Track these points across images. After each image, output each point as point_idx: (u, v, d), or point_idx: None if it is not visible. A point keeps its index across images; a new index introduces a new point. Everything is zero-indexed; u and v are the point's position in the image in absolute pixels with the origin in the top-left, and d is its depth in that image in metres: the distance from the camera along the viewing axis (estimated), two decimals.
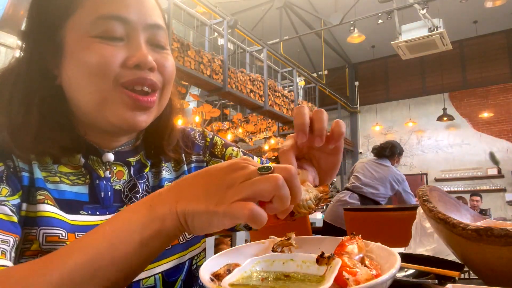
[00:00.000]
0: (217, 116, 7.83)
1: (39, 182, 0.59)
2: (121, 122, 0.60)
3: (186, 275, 0.71)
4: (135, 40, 0.60)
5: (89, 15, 0.59)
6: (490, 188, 9.72)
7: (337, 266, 0.41)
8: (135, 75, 0.59)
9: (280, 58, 8.08)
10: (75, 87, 0.60)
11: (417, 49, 7.11)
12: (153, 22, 0.63)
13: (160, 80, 0.63)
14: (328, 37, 10.10)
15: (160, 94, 0.64)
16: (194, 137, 0.84)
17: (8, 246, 0.51)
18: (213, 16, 6.27)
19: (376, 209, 2.88)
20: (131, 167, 0.70)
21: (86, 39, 0.58)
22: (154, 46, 0.64)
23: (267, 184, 0.39)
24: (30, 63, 0.61)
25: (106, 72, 0.58)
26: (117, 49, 0.59)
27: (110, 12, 0.58)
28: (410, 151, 11.01)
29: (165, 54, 0.65)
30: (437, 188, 0.75)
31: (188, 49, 5.28)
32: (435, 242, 0.85)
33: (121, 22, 0.59)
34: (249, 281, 0.44)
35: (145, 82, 0.60)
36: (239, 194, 0.39)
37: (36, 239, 0.56)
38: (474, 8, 8.81)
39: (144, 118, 0.62)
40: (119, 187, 0.68)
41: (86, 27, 0.58)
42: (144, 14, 0.61)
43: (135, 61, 0.59)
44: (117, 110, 0.60)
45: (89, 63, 0.58)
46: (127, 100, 0.59)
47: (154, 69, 0.61)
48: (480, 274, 0.61)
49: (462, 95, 10.56)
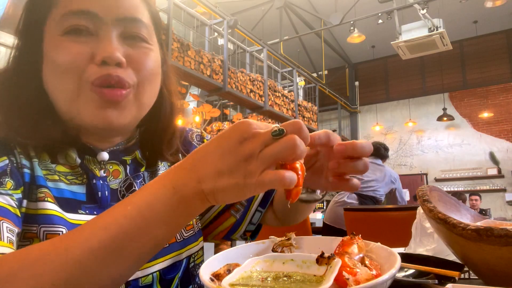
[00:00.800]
0: (217, 116, 7.82)
1: (40, 179, 0.59)
2: (93, 120, 0.59)
3: (183, 273, 0.71)
4: (104, 34, 0.59)
5: (59, 13, 0.59)
6: (490, 188, 9.71)
7: (337, 266, 0.41)
8: (102, 72, 0.58)
9: (280, 58, 8.08)
10: (50, 87, 0.61)
11: (417, 49, 7.10)
12: (126, 15, 0.61)
13: (133, 76, 0.61)
14: (328, 37, 10.10)
15: (136, 91, 0.62)
16: (191, 137, 0.84)
17: (14, 236, 0.51)
18: (213, 16, 6.27)
19: (376, 209, 2.88)
20: (127, 165, 0.70)
21: (56, 37, 0.58)
22: (130, 39, 0.62)
23: (287, 148, 0.40)
24: (22, 61, 0.62)
25: (74, 71, 0.57)
26: (85, 46, 0.58)
27: (77, 7, 0.58)
28: (410, 151, 11.01)
29: (144, 49, 0.63)
30: (437, 188, 0.75)
31: (188, 49, 5.27)
32: (435, 242, 0.86)
33: (89, 17, 0.58)
34: (249, 281, 0.44)
35: (111, 79, 0.58)
36: (264, 164, 0.40)
37: (37, 236, 0.56)
38: (474, 8, 8.81)
39: (115, 114, 0.60)
40: (115, 186, 0.68)
41: (56, 25, 0.58)
42: (115, 7, 0.60)
43: (101, 57, 0.57)
44: (88, 108, 0.59)
45: (58, 62, 0.57)
46: (95, 97, 0.58)
47: (122, 65, 0.59)
48: (480, 274, 0.61)
49: (462, 95, 10.56)
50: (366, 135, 11.66)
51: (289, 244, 0.53)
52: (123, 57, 0.59)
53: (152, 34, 0.66)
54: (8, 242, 0.49)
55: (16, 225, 0.52)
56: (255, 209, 0.84)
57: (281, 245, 0.53)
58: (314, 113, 8.94)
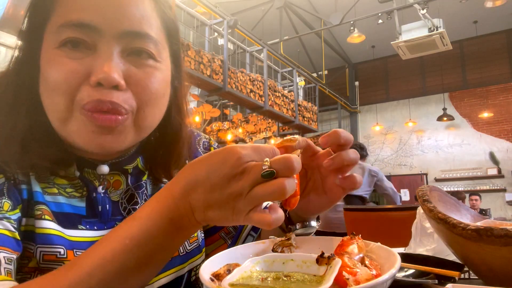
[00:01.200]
0: (217, 116, 7.82)
1: (38, 195, 0.56)
2: (86, 144, 0.54)
3: (185, 287, 0.69)
4: (103, 51, 0.52)
5: (56, 22, 0.52)
6: (490, 188, 9.71)
7: (337, 266, 0.41)
8: (94, 96, 0.51)
9: (280, 58, 8.08)
10: (44, 102, 0.55)
11: (417, 49, 7.10)
12: (131, 29, 0.53)
13: (131, 101, 0.54)
14: (328, 37, 10.10)
15: (135, 116, 0.55)
16: (198, 144, 0.81)
17: (11, 266, 0.48)
18: (213, 16, 6.27)
19: (376, 209, 2.88)
20: (128, 175, 0.66)
21: (51, 50, 0.52)
22: (134, 56, 0.54)
23: (275, 192, 0.40)
24: (21, 68, 0.57)
25: (65, 90, 0.51)
26: (80, 63, 0.51)
27: (75, 18, 0.51)
28: (410, 151, 11.01)
29: (149, 67, 0.56)
30: (437, 188, 0.75)
31: (188, 49, 5.27)
32: (435, 242, 0.86)
33: (88, 30, 0.51)
34: (249, 281, 0.44)
35: (102, 105, 0.51)
36: (252, 204, 0.41)
37: (34, 256, 0.53)
38: (474, 8, 8.80)
39: (109, 139, 0.54)
40: (116, 198, 0.64)
41: (52, 36, 0.52)
42: (119, 20, 0.52)
43: (96, 78, 0.50)
44: (80, 132, 0.53)
45: (49, 79, 0.52)
46: (87, 121, 0.52)
47: (121, 87, 0.52)
48: (480, 274, 0.61)
49: (462, 95, 10.56)
50: (366, 135, 11.66)
51: (289, 244, 0.53)
52: (122, 78, 0.52)
53: (162, 49, 0.58)
54: (6, 274, 0.46)
55: (15, 251, 0.50)
56: (247, 233, 0.81)
57: (281, 245, 0.53)
58: (314, 113, 8.94)
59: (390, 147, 11.33)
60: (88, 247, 0.51)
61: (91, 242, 0.57)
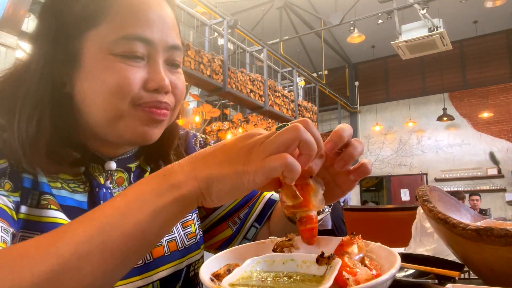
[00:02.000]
0: (217, 116, 7.82)
1: (44, 186, 0.58)
2: (135, 136, 0.61)
3: (184, 282, 0.71)
4: (155, 61, 0.60)
5: (113, 33, 0.57)
6: (490, 188, 9.72)
7: (337, 266, 0.41)
8: (152, 98, 0.60)
9: (280, 58, 8.08)
10: (89, 102, 0.59)
11: (417, 49, 7.11)
12: (173, 43, 0.63)
13: (173, 100, 0.64)
14: (328, 37, 10.10)
15: (171, 112, 0.65)
16: (195, 143, 0.84)
17: (8, 236, 0.49)
18: (213, 16, 6.27)
19: (376, 209, 2.89)
20: (132, 173, 0.70)
21: (108, 56, 0.57)
22: (170, 66, 0.64)
23: (289, 133, 0.40)
24: (42, 70, 0.58)
25: (125, 94, 0.57)
26: (137, 70, 0.58)
27: (135, 32, 0.58)
28: (410, 151, 11.02)
29: (179, 74, 0.66)
30: (437, 188, 0.75)
31: (188, 49, 5.27)
32: (435, 242, 0.86)
33: (144, 43, 0.59)
34: (249, 281, 0.44)
35: (160, 105, 0.61)
36: (266, 151, 0.40)
37: None
38: (474, 8, 8.81)
39: (156, 131, 0.62)
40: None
41: (108, 44, 0.57)
42: (166, 34, 0.61)
43: (154, 85, 0.59)
44: (132, 125, 0.60)
45: (109, 82, 0.57)
46: (143, 116, 0.60)
47: (169, 92, 0.62)
48: (480, 274, 0.61)
49: (462, 95, 10.57)
50: (366, 135, 11.66)
51: (289, 245, 0.53)
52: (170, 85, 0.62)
53: (182, 57, 0.68)
54: (2, 242, 0.48)
55: (11, 226, 0.51)
56: (251, 224, 0.83)
57: (281, 245, 0.53)
58: (314, 113, 8.94)
59: (390, 147, 11.34)
60: None
61: None
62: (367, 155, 11.64)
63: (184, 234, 0.73)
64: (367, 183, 12.41)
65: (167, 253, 0.68)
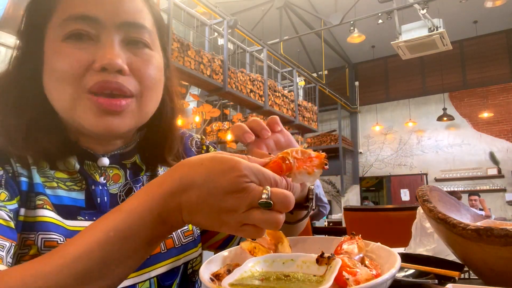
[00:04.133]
0: (217, 116, 7.82)
1: (39, 187, 0.59)
2: (93, 127, 0.58)
3: (181, 279, 0.71)
4: (105, 40, 0.57)
5: (59, 17, 0.57)
6: (490, 188, 9.72)
7: (337, 266, 0.41)
8: (100, 78, 0.56)
9: (280, 58, 8.08)
10: (49, 93, 0.59)
11: (417, 49, 7.11)
12: (129, 20, 0.59)
13: (135, 85, 0.59)
14: (328, 37, 10.10)
15: (139, 101, 0.61)
16: (191, 144, 0.84)
17: (2, 252, 0.50)
18: (213, 16, 6.27)
19: (376, 209, 2.88)
20: (127, 169, 0.70)
21: (57, 43, 0.57)
22: (132, 45, 0.60)
23: (270, 224, 0.41)
24: (23, 64, 0.61)
25: (73, 78, 0.56)
26: (84, 52, 0.56)
27: (78, 12, 0.56)
28: (410, 151, 11.02)
29: (147, 55, 0.61)
30: (437, 188, 0.75)
31: (188, 49, 5.27)
32: (435, 242, 0.86)
33: (90, 22, 0.56)
34: (249, 281, 0.44)
35: (110, 85, 0.56)
36: (242, 222, 0.41)
37: (35, 244, 0.55)
38: (474, 8, 8.81)
39: (116, 122, 0.58)
40: (115, 191, 0.67)
41: (57, 30, 0.57)
42: (117, 12, 0.58)
43: (100, 64, 0.55)
44: (86, 116, 0.57)
45: (57, 68, 0.56)
46: (92, 106, 0.57)
47: (124, 72, 0.57)
48: (480, 274, 0.61)
49: (462, 95, 10.57)
50: (366, 135, 11.67)
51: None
52: (125, 64, 0.57)
53: (155, 39, 0.64)
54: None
55: (8, 238, 0.51)
56: None
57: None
58: (314, 113, 8.94)
59: (390, 147, 11.34)
60: None
61: None
62: (367, 155, 11.65)
63: (181, 232, 0.73)
64: (367, 183, 12.41)
65: (164, 250, 0.68)
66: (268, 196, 0.40)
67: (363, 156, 11.69)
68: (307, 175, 0.46)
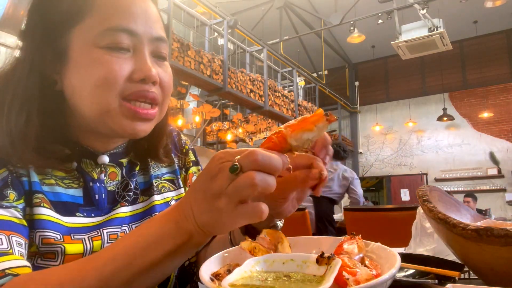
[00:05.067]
0: (217, 116, 7.82)
1: (36, 185, 0.60)
2: (122, 131, 0.62)
3: (179, 271, 0.73)
4: (141, 53, 0.61)
5: (98, 26, 0.59)
6: (490, 188, 9.72)
7: (337, 266, 0.41)
8: (139, 88, 0.60)
9: (280, 58, 8.08)
10: (78, 96, 0.61)
11: (417, 49, 7.10)
12: (158, 34, 0.63)
13: (160, 93, 0.64)
14: (328, 37, 10.09)
15: (160, 107, 0.65)
16: (178, 140, 0.86)
17: (22, 248, 0.53)
18: (213, 16, 6.27)
19: (376, 209, 2.88)
20: (123, 167, 0.72)
21: (93, 49, 0.58)
22: (157, 58, 0.64)
23: (246, 186, 0.40)
24: (31, 67, 0.60)
25: (112, 86, 0.58)
26: (123, 61, 0.59)
27: (119, 24, 0.59)
28: (410, 151, 11.02)
29: (165, 66, 0.66)
30: (437, 188, 0.75)
31: (188, 49, 5.27)
32: (435, 242, 0.86)
33: (129, 34, 0.60)
34: (249, 281, 0.44)
35: (147, 95, 0.61)
36: (232, 200, 0.42)
37: (34, 241, 0.57)
38: (474, 8, 8.81)
39: (143, 128, 0.63)
40: (112, 188, 0.69)
41: (94, 37, 0.58)
42: (149, 26, 0.62)
43: (140, 75, 0.60)
44: (118, 120, 0.60)
45: (96, 75, 0.58)
46: (127, 113, 0.60)
47: (156, 83, 0.62)
48: (480, 274, 0.61)
49: (462, 95, 10.56)
50: (366, 135, 11.66)
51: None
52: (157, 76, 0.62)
53: (168, 50, 0.69)
54: (19, 255, 0.52)
55: (24, 237, 0.55)
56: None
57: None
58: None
59: (390, 147, 11.34)
60: (86, 232, 0.62)
61: (89, 227, 0.63)
62: (367, 155, 11.65)
63: None
64: (367, 183, 12.40)
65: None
66: (235, 162, 0.41)
67: (363, 156, 11.69)
68: (308, 132, 0.45)
